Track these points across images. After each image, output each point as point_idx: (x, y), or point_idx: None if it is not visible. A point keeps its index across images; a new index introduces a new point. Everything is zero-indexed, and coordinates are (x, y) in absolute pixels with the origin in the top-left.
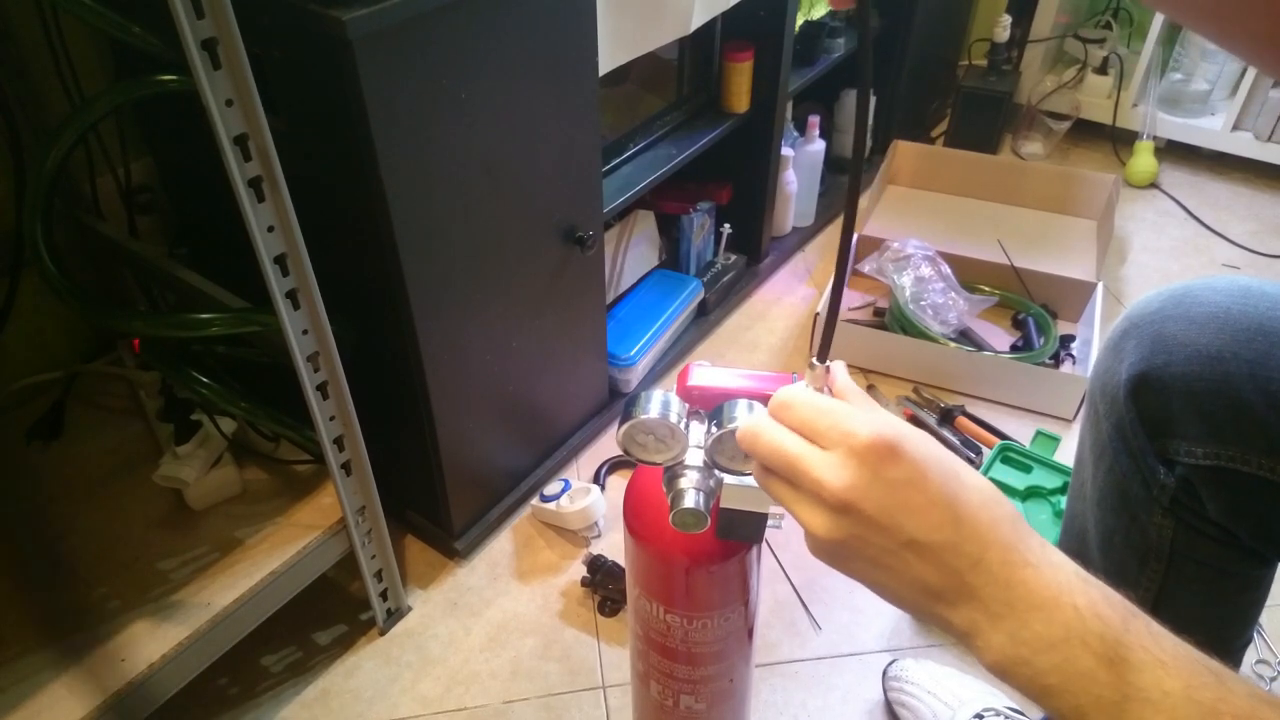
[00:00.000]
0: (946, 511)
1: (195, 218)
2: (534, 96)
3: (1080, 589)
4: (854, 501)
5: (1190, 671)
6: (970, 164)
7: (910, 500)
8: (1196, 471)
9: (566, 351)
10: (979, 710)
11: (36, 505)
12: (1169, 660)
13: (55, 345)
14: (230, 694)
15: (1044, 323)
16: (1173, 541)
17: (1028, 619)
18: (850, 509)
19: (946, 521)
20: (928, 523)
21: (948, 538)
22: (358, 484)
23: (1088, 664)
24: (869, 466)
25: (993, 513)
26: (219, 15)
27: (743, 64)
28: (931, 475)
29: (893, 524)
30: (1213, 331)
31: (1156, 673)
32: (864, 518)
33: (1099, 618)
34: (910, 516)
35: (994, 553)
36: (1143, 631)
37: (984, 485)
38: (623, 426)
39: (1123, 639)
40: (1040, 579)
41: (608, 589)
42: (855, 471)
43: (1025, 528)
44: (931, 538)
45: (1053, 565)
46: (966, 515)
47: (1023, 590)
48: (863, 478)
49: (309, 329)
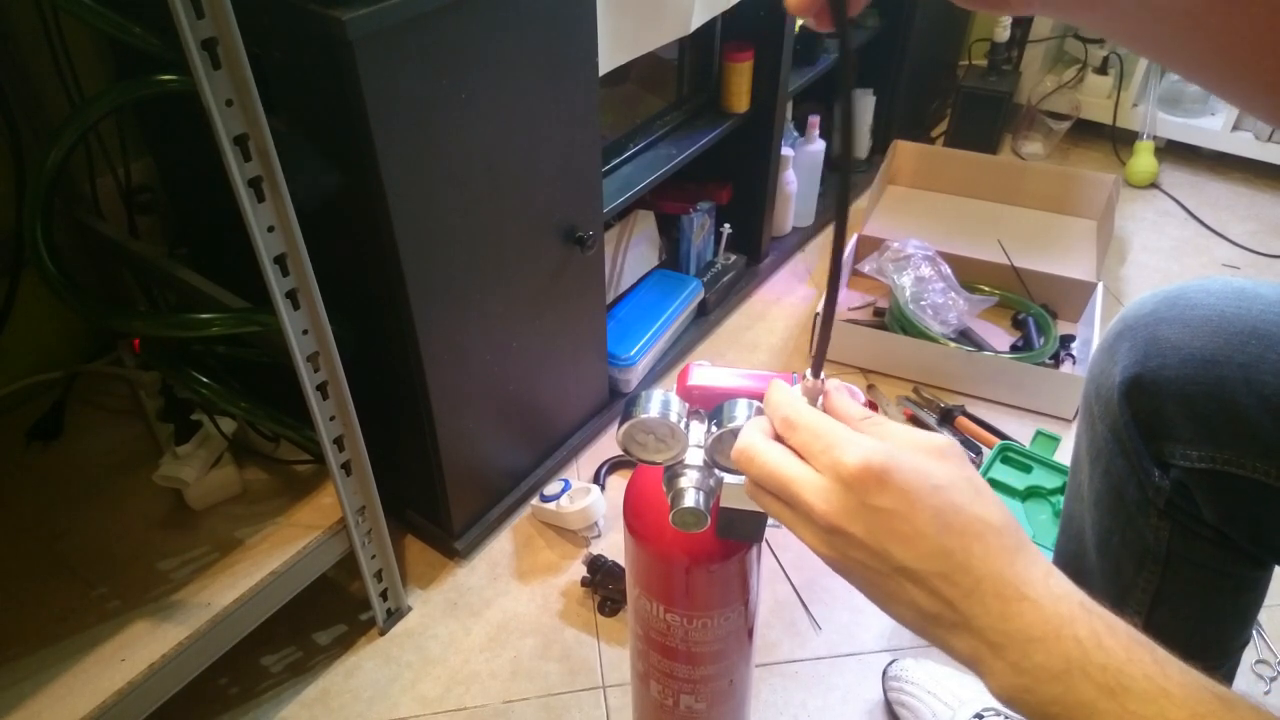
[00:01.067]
0: (934, 542)
1: (195, 218)
2: (534, 96)
3: (1083, 619)
4: (841, 526)
5: (1196, 700)
6: (970, 164)
7: (896, 529)
8: (1191, 474)
9: (566, 351)
10: (979, 710)
11: (36, 505)
12: (1174, 689)
13: (55, 345)
14: (230, 694)
15: (1044, 323)
16: (1169, 543)
17: (1028, 650)
18: (839, 532)
19: (935, 552)
20: (915, 552)
21: (937, 567)
22: (358, 484)
23: (1089, 694)
24: (855, 495)
25: (988, 544)
26: (219, 15)
27: (743, 64)
28: (922, 505)
29: (881, 549)
30: (1206, 334)
31: (1160, 702)
32: (854, 541)
33: (1101, 648)
34: (897, 544)
35: (987, 584)
36: (1147, 660)
37: (986, 515)
38: (623, 426)
39: (1125, 669)
40: (1039, 612)
41: (608, 589)
42: (842, 498)
43: (1027, 558)
44: (920, 566)
45: (1054, 597)
46: (957, 547)
47: (1020, 623)
48: (850, 505)
49: (309, 329)
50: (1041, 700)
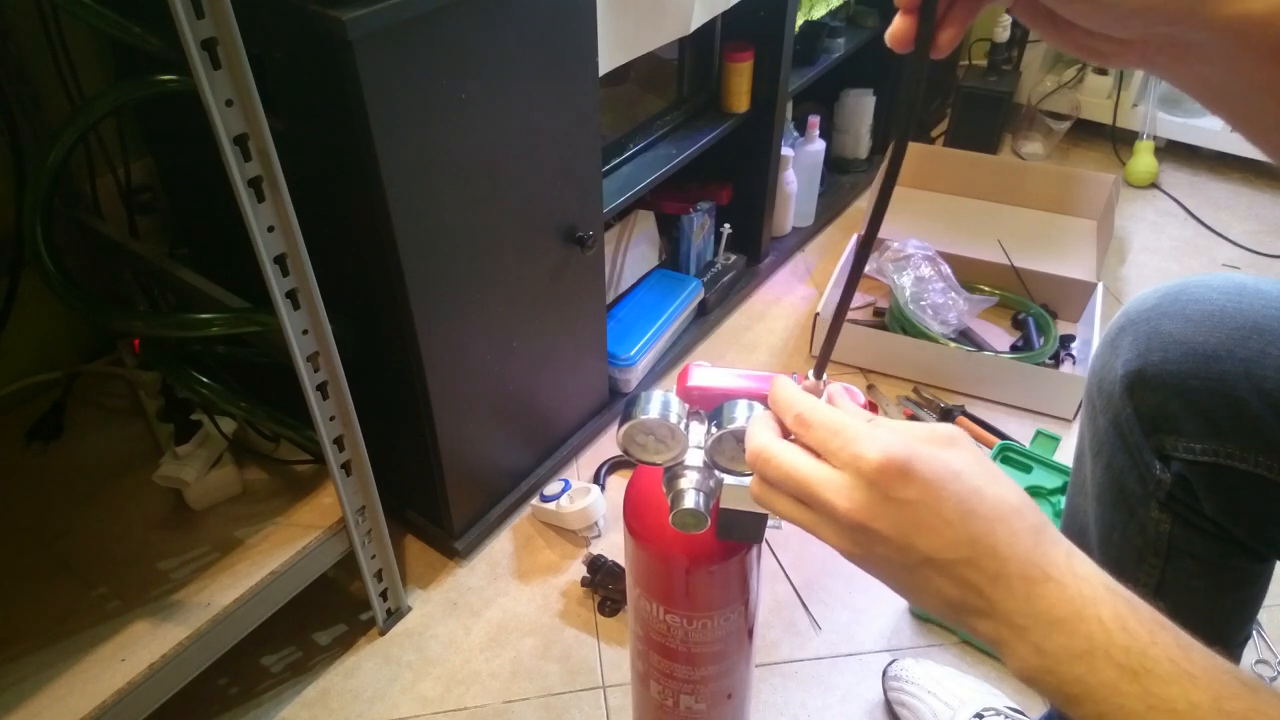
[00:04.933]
0: (961, 530)
1: (195, 218)
2: (534, 96)
3: (1107, 600)
4: (866, 523)
5: (1220, 684)
6: (970, 164)
7: (923, 520)
8: (1192, 468)
9: (566, 351)
10: (979, 710)
11: (36, 505)
12: (1198, 673)
13: (55, 345)
14: (230, 694)
15: (1044, 323)
16: (1170, 537)
17: (1050, 631)
18: (863, 529)
19: (961, 540)
20: (941, 541)
21: (964, 555)
22: (358, 484)
23: (1110, 675)
24: (879, 489)
25: (1012, 526)
26: (219, 15)
27: (743, 64)
28: (946, 494)
29: (907, 543)
30: (1208, 329)
31: (1184, 684)
32: (879, 537)
33: (1125, 630)
34: (924, 536)
35: (1013, 567)
36: (1171, 644)
37: (1006, 497)
38: (623, 427)
39: (1149, 651)
40: (1063, 593)
41: (608, 589)
42: (866, 494)
43: (1050, 538)
44: (946, 555)
45: (1078, 577)
46: (983, 532)
47: (1044, 604)
48: (874, 500)
49: (309, 329)
50: (1063, 681)
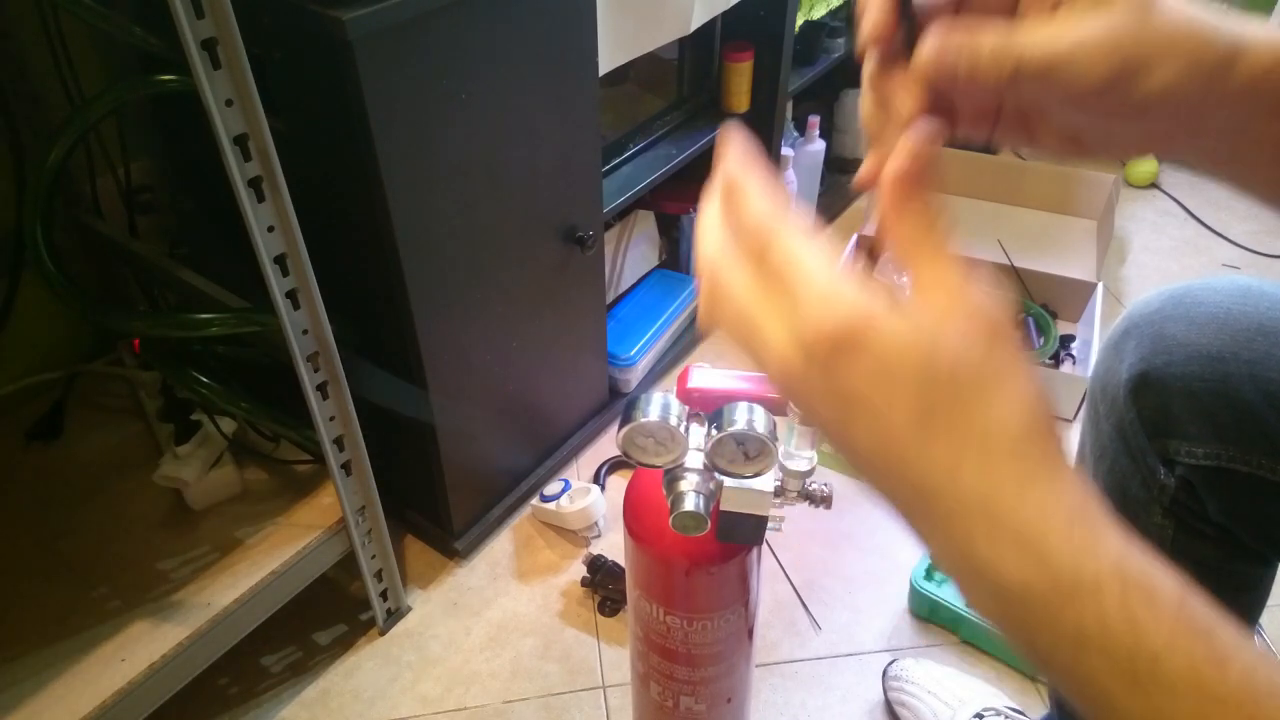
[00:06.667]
0: (909, 446)
1: (195, 218)
2: (534, 96)
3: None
4: (797, 398)
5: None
6: (970, 164)
7: (858, 417)
8: (1196, 472)
9: (566, 351)
10: (979, 710)
11: (36, 505)
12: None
13: (55, 345)
14: (230, 694)
15: (1044, 323)
16: (1172, 542)
17: None
18: (795, 398)
19: (905, 458)
20: (880, 454)
21: (907, 477)
22: (358, 484)
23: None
24: (815, 364)
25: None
26: (219, 15)
27: (743, 64)
28: (899, 391)
29: (842, 438)
30: (1213, 332)
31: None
32: (813, 412)
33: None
34: (862, 435)
35: (975, 517)
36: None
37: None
38: (623, 429)
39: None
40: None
41: (608, 589)
42: (802, 367)
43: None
44: (882, 468)
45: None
46: (941, 456)
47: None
48: (809, 376)
49: (309, 329)
50: None
